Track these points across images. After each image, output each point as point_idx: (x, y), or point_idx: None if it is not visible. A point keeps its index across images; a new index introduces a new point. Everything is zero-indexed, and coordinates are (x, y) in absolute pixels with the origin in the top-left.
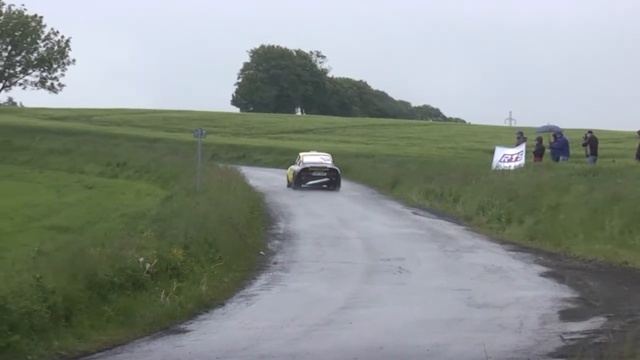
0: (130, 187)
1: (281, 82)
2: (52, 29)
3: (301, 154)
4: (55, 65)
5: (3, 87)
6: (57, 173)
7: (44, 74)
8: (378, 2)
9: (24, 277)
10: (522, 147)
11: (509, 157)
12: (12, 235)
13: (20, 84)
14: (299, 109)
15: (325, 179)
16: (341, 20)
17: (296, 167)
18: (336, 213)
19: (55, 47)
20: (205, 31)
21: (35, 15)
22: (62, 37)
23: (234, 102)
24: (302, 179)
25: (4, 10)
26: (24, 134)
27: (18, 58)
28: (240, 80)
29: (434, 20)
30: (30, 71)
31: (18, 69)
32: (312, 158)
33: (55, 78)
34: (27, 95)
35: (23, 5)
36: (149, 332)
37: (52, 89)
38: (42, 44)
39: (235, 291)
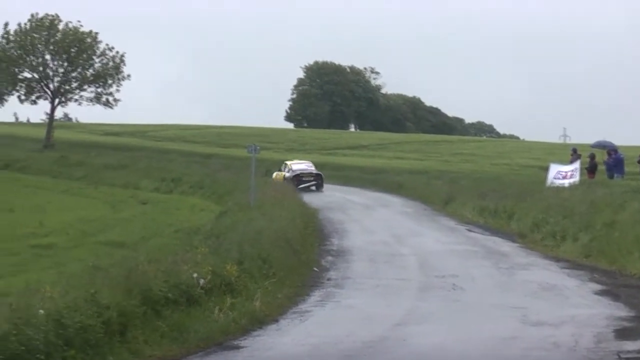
0: (185, 203)
1: (334, 98)
2: (107, 44)
3: (288, 162)
4: (110, 81)
5: (59, 103)
6: (112, 188)
7: (99, 90)
8: (432, 19)
9: (80, 292)
10: (576, 164)
11: (563, 174)
12: (68, 250)
13: (76, 100)
14: (353, 125)
15: (313, 182)
16: (394, 37)
17: (287, 174)
18: (390, 229)
19: (110, 63)
20: (260, 46)
21: (91, 32)
22: (117, 52)
23: (288, 118)
24: (295, 184)
25: (60, 27)
26: (80, 150)
27: (74, 74)
28: (294, 96)
29: (488, 36)
30: (85, 87)
31: (74, 84)
32: (300, 166)
33: (110, 94)
34: (83, 111)
35: (79, 21)
36: (202, 347)
37: (107, 104)
38: (97, 60)
39: (289, 307)
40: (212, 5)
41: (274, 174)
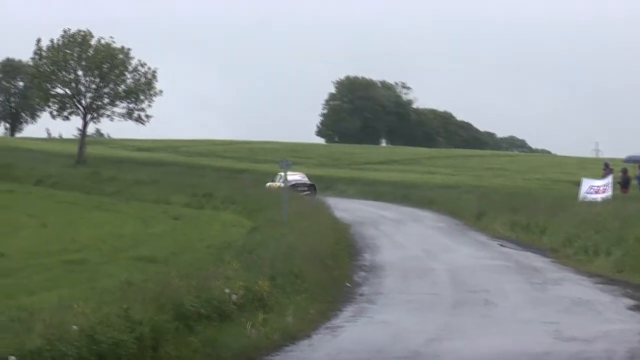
0: (216, 218)
1: (366, 113)
2: (139, 60)
3: (282, 173)
4: (142, 97)
5: (91, 119)
6: (143, 204)
7: (131, 106)
8: (463, 34)
9: (112, 307)
10: (609, 179)
11: (595, 189)
12: (100, 266)
13: (108, 116)
14: (384, 140)
15: (307, 192)
16: (425, 52)
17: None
18: (422, 244)
19: (143, 79)
20: (290, 62)
21: (123, 48)
22: (149, 68)
23: (319, 133)
24: None
25: (92, 43)
26: (112, 165)
27: (106, 90)
28: (325, 111)
29: (519, 51)
30: (117, 103)
31: (106, 100)
32: (294, 177)
33: (142, 109)
34: (115, 126)
35: (111, 37)
36: None
37: (139, 120)
38: (129, 76)
39: (321, 323)
40: (242, 21)
41: (267, 184)
